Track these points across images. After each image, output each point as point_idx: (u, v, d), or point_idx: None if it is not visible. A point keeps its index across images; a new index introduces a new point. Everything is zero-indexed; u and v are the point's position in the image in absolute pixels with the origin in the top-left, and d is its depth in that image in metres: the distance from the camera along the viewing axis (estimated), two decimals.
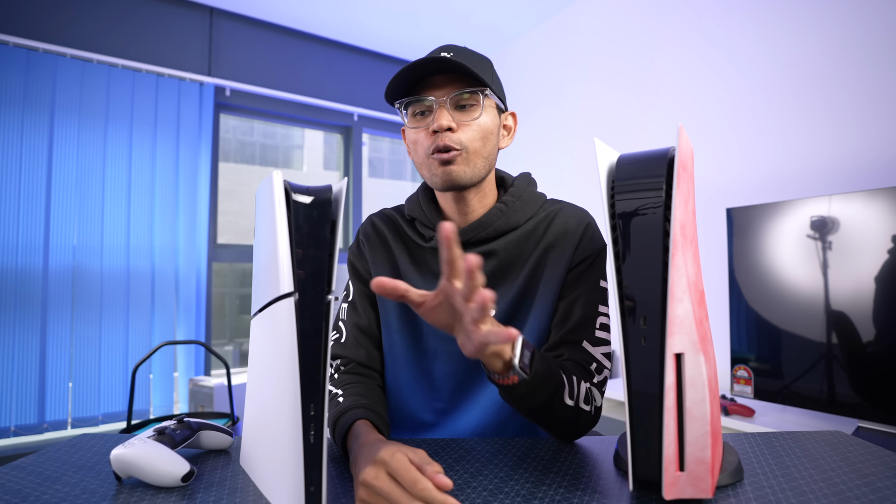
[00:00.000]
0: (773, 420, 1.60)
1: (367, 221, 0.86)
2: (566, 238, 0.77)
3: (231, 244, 2.74)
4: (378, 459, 0.48)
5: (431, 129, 0.71)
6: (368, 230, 0.85)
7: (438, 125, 0.70)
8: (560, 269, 0.76)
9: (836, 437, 0.69)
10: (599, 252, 0.77)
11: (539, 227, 0.78)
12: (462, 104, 0.72)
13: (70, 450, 0.68)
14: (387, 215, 0.85)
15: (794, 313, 1.49)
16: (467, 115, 0.72)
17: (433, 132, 0.71)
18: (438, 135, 0.71)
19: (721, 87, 1.98)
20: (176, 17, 2.54)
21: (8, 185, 2.05)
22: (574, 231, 0.77)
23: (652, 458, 0.48)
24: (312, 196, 0.52)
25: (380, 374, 0.82)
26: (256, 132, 2.99)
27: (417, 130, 0.73)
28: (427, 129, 0.72)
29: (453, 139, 0.71)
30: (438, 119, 0.70)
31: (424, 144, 0.73)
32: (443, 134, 0.70)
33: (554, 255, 0.76)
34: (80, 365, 2.17)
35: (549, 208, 0.80)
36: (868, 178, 1.55)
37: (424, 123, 0.73)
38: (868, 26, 1.57)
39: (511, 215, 0.77)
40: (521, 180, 0.82)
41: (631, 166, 0.53)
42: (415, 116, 0.74)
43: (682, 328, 0.46)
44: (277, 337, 0.48)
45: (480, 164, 0.73)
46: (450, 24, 2.84)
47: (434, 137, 0.71)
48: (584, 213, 0.79)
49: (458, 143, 0.71)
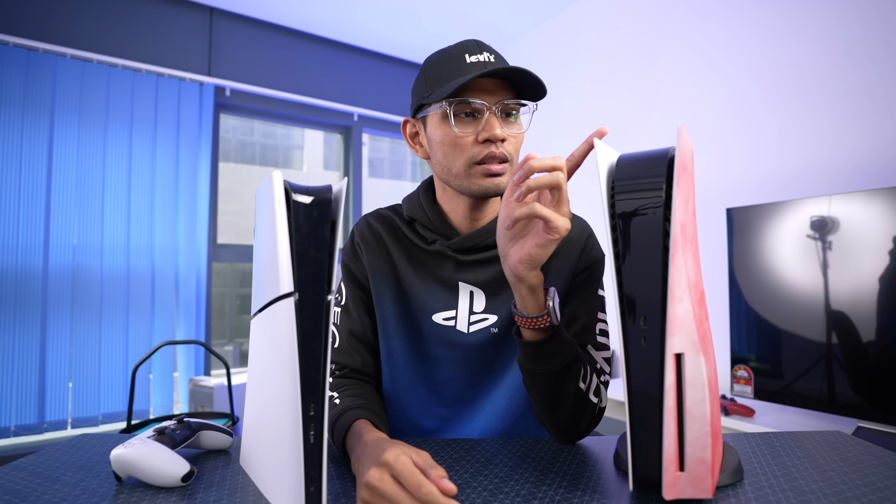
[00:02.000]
0: (773, 420, 1.60)
1: (362, 222, 0.83)
2: (570, 247, 0.77)
3: (231, 244, 2.74)
4: (383, 461, 0.47)
5: (483, 138, 0.68)
6: (365, 231, 0.81)
7: (493, 134, 0.67)
8: (564, 276, 0.77)
9: (836, 437, 0.69)
10: (599, 262, 0.79)
11: None
12: (509, 113, 0.71)
13: (70, 450, 0.68)
14: (383, 216, 0.82)
15: (794, 313, 1.49)
16: (513, 127, 0.71)
17: (484, 140, 0.68)
18: (490, 144, 0.68)
19: (721, 87, 1.98)
20: (176, 17, 2.54)
21: (8, 185, 2.05)
22: (577, 240, 0.78)
23: (652, 458, 0.48)
24: (312, 196, 0.52)
25: (375, 380, 0.80)
26: (256, 132, 2.99)
27: (466, 134, 0.69)
28: (475, 136, 0.69)
29: (504, 150, 0.69)
30: (493, 127, 0.67)
31: (470, 151, 0.69)
32: (498, 143, 0.68)
33: (558, 262, 0.77)
34: (80, 365, 2.17)
35: None
36: (868, 178, 1.55)
37: (472, 128, 0.69)
38: (868, 26, 1.57)
39: None
40: None
41: (631, 166, 0.53)
42: (460, 117, 0.69)
43: (682, 328, 0.46)
44: (277, 337, 0.48)
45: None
46: (450, 24, 2.84)
47: (484, 146, 0.69)
48: (585, 224, 0.81)
49: (508, 155, 0.70)
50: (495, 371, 0.78)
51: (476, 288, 0.76)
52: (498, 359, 0.77)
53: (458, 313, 0.76)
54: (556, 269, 0.77)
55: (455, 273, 0.76)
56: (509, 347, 0.77)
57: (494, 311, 0.76)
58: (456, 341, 0.76)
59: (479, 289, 0.76)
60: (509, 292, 0.76)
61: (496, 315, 0.76)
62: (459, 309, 0.76)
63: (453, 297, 0.76)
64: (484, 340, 0.76)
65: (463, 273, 0.76)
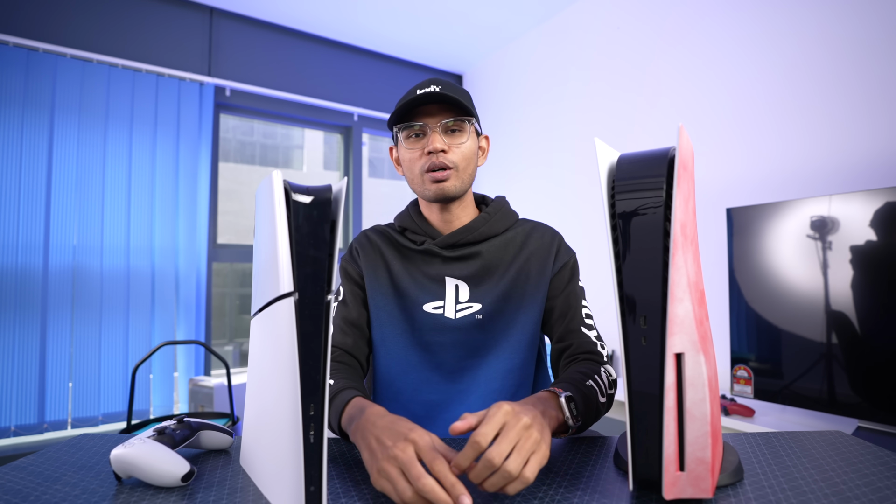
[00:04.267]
0: (773, 420, 1.60)
1: (361, 235, 0.96)
2: (545, 248, 0.91)
3: (231, 244, 2.74)
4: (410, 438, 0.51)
5: (427, 150, 0.82)
6: (363, 240, 0.94)
7: (433, 147, 0.82)
8: (546, 274, 0.89)
9: (836, 437, 0.69)
10: (573, 260, 0.92)
11: (517, 238, 0.91)
12: (452, 129, 0.84)
13: (70, 450, 0.68)
14: (378, 230, 0.96)
15: (794, 313, 1.49)
16: (456, 139, 0.85)
17: (428, 153, 0.82)
18: (433, 155, 0.82)
19: (721, 87, 1.98)
20: (176, 17, 2.54)
21: (8, 185, 2.05)
22: (550, 243, 0.92)
23: (652, 458, 0.48)
24: (312, 196, 0.52)
25: (361, 367, 0.88)
26: (256, 132, 2.99)
27: (413, 150, 0.85)
28: (422, 150, 0.84)
29: (446, 159, 0.83)
30: (433, 142, 0.82)
31: (419, 163, 0.84)
32: (437, 154, 0.82)
33: (537, 262, 0.89)
34: (80, 365, 2.17)
35: (524, 224, 0.94)
36: (868, 178, 1.55)
37: (419, 145, 0.84)
38: (868, 26, 1.57)
39: (493, 223, 0.90)
40: (499, 200, 0.95)
41: (631, 166, 0.53)
42: (409, 139, 0.85)
43: (682, 328, 0.46)
44: (277, 337, 0.48)
45: (466, 180, 0.86)
46: (450, 24, 2.84)
47: (429, 157, 0.83)
48: (555, 230, 0.95)
49: (450, 163, 0.83)
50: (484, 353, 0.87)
51: (460, 281, 0.88)
52: (485, 342, 0.87)
53: (446, 303, 0.87)
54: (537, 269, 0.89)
55: (441, 269, 0.88)
56: (495, 331, 0.87)
57: (478, 300, 0.87)
58: (445, 326, 0.86)
59: (463, 281, 0.88)
60: (490, 283, 0.88)
61: (480, 303, 0.87)
62: (447, 299, 0.87)
63: (441, 290, 0.88)
64: (469, 325, 0.86)
65: (448, 268, 0.88)
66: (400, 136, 0.86)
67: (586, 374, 0.74)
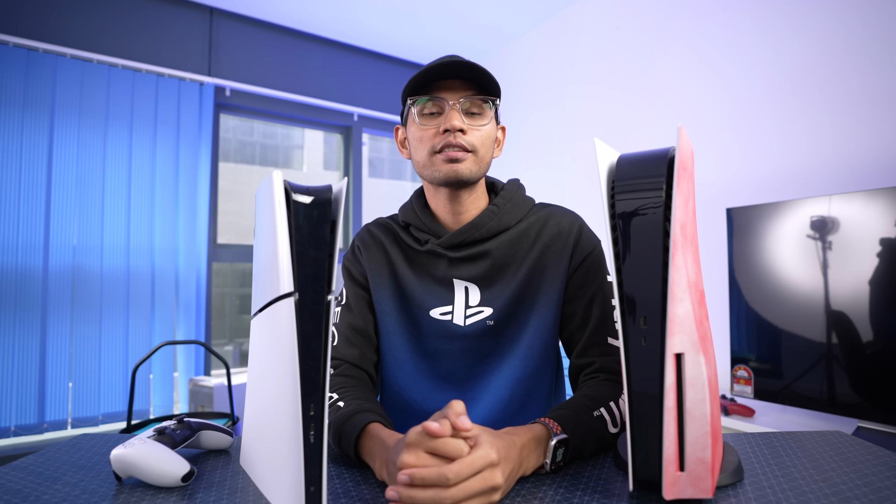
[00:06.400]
0: (773, 420, 1.60)
1: (363, 230, 0.88)
2: (561, 239, 0.80)
3: (231, 244, 2.74)
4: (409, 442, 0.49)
5: (443, 129, 0.73)
6: (365, 237, 0.86)
7: (451, 125, 0.72)
8: (561, 269, 0.79)
9: (836, 437, 0.69)
10: (597, 250, 0.80)
11: (532, 229, 0.81)
12: (472, 111, 0.76)
13: (70, 450, 0.68)
14: (382, 223, 0.87)
15: (794, 313, 1.49)
16: (477, 121, 0.76)
17: (444, 131, 0.73)
18: (449, 134, 0.73)
19: (721, 87, 1.98)
20: (176, 17, 2.54)
21: (8, 185, 2.05)
22: (568, 231, 0.80)
23: (652, 458, 0.48)
24: (312, 196, 0.52)
25: (370, 378, 0.81)
26: (256, 132, 2.99)
27: (426, 128, 0.75)
28: (437, 128, 0.74)
29: (464, 140, 0.74)
30: (451, 119, 0.73)
31: (431, 142, 0.75)
32: (455, 133, 0.73)
33: (552, 255, 0.79)
34: (80, 365, 2.17)
35: (540, 211, 0.83)
36: (868, 178, 1.55)
37: (434, 123, 0.75)
38: (868, 26, 1.57)
39: (503, 217, 0.80)
40: (511, 185, 0.86)
41: (631, 166, 0.53)
42: (423, 115, 0.76)
43: (682, 328, 0.46)
44: (277, 337, 0.48)
45: (483, 167, 0.77)
46: (450, 24, 2.84)
47: (444, 136, 0.74)
48: (575, 215, 0.83)
49: (468, 144, 0.74)
50: (494, 361, 0.80)
51: (470, 283, 0.80)
52: (496, 349, 0.80)
53: (455, 307, 0.79)
54: (552, 263, 0.79)
55: (449, 270, 0.80)
56: (506, 338, 0.79)
57: (489, 304, 0.79)
58: (454, 333, 0.79)
59: (473, 283, 0.80)
60: (501, 284, 0.79)
61: (491, 307, 0.79)
62: (456, 303, 0.79)
63: (449, 293, 0.80)
64: (480, 332, 0.79)
65: (456, 270, 0.80)
66: (414, 109, 0.76)
67: (598, 400, 0.65)
